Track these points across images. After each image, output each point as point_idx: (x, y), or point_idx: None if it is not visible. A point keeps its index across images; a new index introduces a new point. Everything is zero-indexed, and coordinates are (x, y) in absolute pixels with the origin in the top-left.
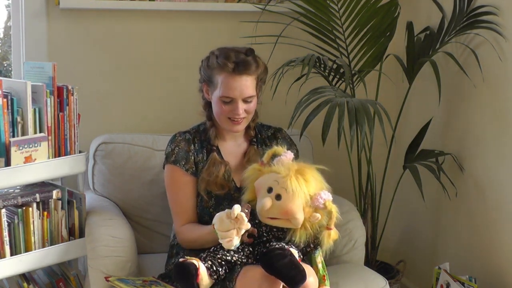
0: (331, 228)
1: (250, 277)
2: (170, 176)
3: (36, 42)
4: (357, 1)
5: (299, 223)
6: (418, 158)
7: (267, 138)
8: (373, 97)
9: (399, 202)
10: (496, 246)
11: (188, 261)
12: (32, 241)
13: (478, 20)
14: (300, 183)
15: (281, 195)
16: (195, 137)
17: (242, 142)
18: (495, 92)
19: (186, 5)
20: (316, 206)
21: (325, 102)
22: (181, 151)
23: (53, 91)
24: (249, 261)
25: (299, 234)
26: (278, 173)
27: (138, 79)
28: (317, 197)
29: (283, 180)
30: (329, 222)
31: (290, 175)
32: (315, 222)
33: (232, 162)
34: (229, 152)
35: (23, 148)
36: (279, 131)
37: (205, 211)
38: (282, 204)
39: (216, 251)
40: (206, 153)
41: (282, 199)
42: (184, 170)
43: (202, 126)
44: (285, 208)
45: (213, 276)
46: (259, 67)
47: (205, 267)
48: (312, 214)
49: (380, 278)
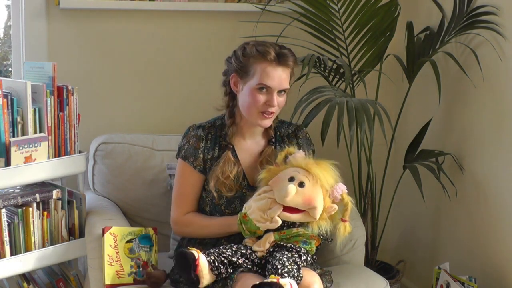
0: (346, 220)
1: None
2: (179, 170)
3: (36, 42)
4: (357, 1)
5: (318, 214)
6: (418, 158)
7: (286, 136)
8: (373, 97)
9: (399, 202)
10: (496, 246)
11: (187, 251)
12: (32, 241)
13: (478, 20)
14: (321, 171)
15: (304, 182)
16: (209, 133)
17: (260, 140)
18: (495, 92)
19: (186, 5)
20: (334, 197)
21: (324, 101)
22: (191, 147)
23: (53, 91)
24: (254, 268)
25: (316, 225)
26: (299, 166)
27: (138, 79)
28: (336, 188)
29: (306, 168)
30: (345, 214)
31: (312, 164)
32: (331, 213)
33: (247, 160)
34: (246, 151)
35: (23, 148)
36: (300, 130)
37: (216, 208)
38: (306, 191)
39: (224, 249)
40: (218, 149)
41: (306, 186)
42: (192, 166)
43: (218, 121)
44: (308, 195)
45: (214, 272)
46: (294, 62)
47: (206, 260)
48: (329, 205)
49: (381, 279)
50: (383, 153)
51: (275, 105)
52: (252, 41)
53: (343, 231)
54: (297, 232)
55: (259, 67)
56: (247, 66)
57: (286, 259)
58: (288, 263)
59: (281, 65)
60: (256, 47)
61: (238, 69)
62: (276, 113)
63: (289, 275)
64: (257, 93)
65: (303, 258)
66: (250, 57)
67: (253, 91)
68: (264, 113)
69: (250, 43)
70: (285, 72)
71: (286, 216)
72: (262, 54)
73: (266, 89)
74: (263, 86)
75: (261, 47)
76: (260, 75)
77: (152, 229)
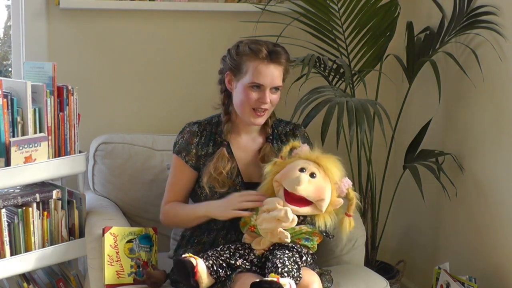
0: (350, 215)
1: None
2: (172, 164)
3: (36, 42)
4: (357, 1)
5: (325, 206)
6: (418, 158)
7: (283, 134)
8: (373, 97)
9: (399, 202)
10: (496, 246)
11: (186, 259)
12: (32, 241)
13: (478, 20)
14: (330, 165)
15: (315, 173)
16: (204, 129)
17: (257, 137)
18: (495, 92)
19: (186, 5)
20: (340, 191)
21: (324, 101)
22: (184, 142)
23: (53, 91)
24: (253, 268)
25: (322, 219)
26: (308, 158)
27: (138, 79)
28: (343, 183)
29: (316, 161)
30: (349, 209)
31: (322, 157)
32: (337, 207)
33: (243, 157)
34: (241, 147)
35: (23, 148)
36: (298, 128)
37: None
38: (317, 182)
39: (222, 250)
40: (213, 146)
41: (317, 177)
42: (184, 161)
43: (215, 118)
44: (319, 186)
45: (213, 275)
46: (287, 60)
47: (205, 265)
48: (336, 199)
49: (381, 279)
50: (383, 153)
51: (268, 102)
52: (246, 39)
53: (348, 226)
54: (300, 230)
55: (252, 65)
56: (240, 64)
57: (287, 259)
58: (288, 262)
59: (274, 63)
60: (249, 45)
61: (232, 67)
62: (269, 111)
63: (289, 275)
64: (249, 91)
65: (304, 259)
66: (243, 55)
67: (246, 89)
68: (256, 110)
69: (244, 41)
70: (277, 70)
71: (295, 210)
72: (254, 52)
73: (259, 87)
74: (255, 84)
75: (253, 45)
76: (253, 73)
77: (152, 229)
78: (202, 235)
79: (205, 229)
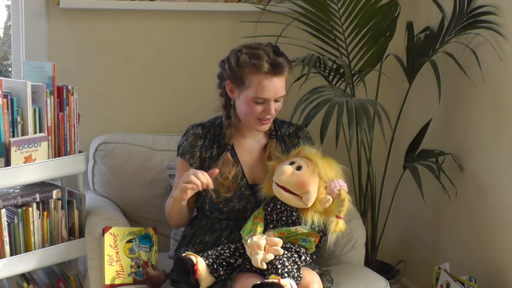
0: (340, 217)
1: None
2: (177, 166)
3: (36, 42)
4: (357, 1)
5: (310, 200)
6: (418, 158)
7: (287, 136)
8: (373, 97)
9: (399, 202)
10: (496, 246)
11: (186, 256)
12: (32, 241)
13: (478, 20)
14: (323, 163)
15: (302, 166)
16: (208, 132)
17: (261, 138)
18: (495, 92)
19: (186, 5)
20: (331, 191)
21: (324, 101)
22: (188, 145)
23: (53, 91)
24: (253, 268)
25: (310, 216)
26: (305, 156)
27: (138, 79)
28: (335, 182)
29: (310, 158)
30: (340, 210)
31: (317, 156)
32: (326, 205)
33: (247, 158)
34: (246, 149)
35: (23, 148)
36: (301, 130)
37: (215, 206)
38: (301, 174)
39: (223, 250)
40: (217, 148)
41: (302, 170)
42: (188, 163)
43: (218, 120)
44: (302, 179)
45: (213, 274)
46: (290, 68)
47: (205, 264)
48: (324, 196)
49: (381, 279)
50: (383, 153)
51: (273, 113)
52: (244, 48)
53: (334, 227)
54: (296, 231)
55: (254, 80)
56: (242, 77)
57: (286, 259)
58: (288, 263)
59: (277, 75)
60: (250, 58)
61: (233, 79)
62: (274, 117)
63: (289, 275)
64: (253, 104)
65: (303, 258)
66: (244, 67)
67: (249, 102)
68: (261, 120)
69: (243, 51)
70: (280, 81)
71: (279, 193)
72: (256, 67)
73: (263, 100)
74: (260, 98)
75: (254, 59)
76: (256, 89)
77: (152, 229)
78: (204, 235)
79: (208, 229)
